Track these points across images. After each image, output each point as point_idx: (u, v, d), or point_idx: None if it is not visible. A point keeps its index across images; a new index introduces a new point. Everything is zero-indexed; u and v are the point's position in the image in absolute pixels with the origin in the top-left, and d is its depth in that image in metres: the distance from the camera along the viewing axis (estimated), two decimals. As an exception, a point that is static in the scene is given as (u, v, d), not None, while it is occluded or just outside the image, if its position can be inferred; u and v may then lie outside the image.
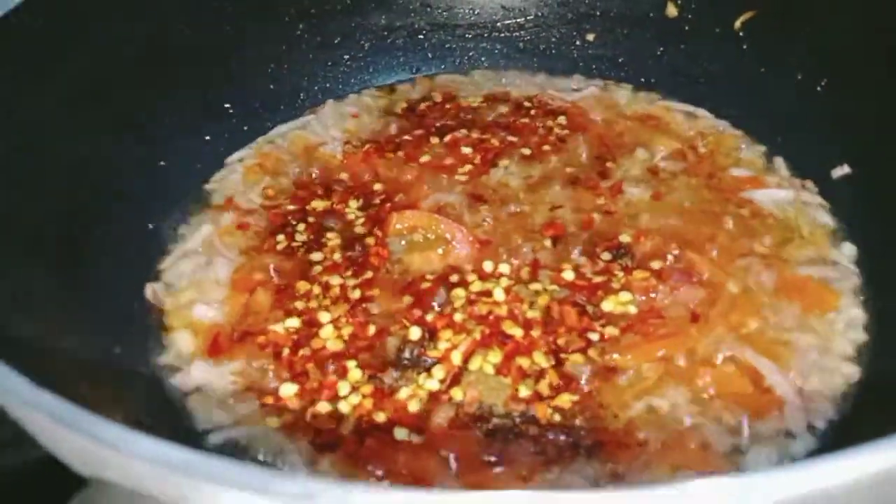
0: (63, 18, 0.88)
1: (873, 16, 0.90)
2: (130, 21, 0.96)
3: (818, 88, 0.97)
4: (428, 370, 0.78)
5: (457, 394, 0.76)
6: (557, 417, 0.73)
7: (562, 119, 1.10)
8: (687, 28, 1.10)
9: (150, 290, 0.90)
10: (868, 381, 0.75)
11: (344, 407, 0.76)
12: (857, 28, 0.92)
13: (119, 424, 0.42)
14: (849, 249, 0.88)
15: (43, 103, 0.85)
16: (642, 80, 1.15)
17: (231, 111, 1.09)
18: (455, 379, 0.77)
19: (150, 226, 0.96)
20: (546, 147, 1.06)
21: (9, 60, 0.80)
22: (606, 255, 0.89)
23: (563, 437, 0.71)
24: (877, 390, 0.73)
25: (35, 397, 0.43)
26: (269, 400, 0.78)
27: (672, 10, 1.10)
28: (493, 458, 0.71)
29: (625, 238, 0.91)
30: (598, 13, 1.16)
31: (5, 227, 0.75)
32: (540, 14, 1.19)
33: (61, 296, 0.79)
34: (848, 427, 0.71)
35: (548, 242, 0.91)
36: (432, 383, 0.76)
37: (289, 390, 0.79)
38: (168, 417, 0.78)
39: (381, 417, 0.75)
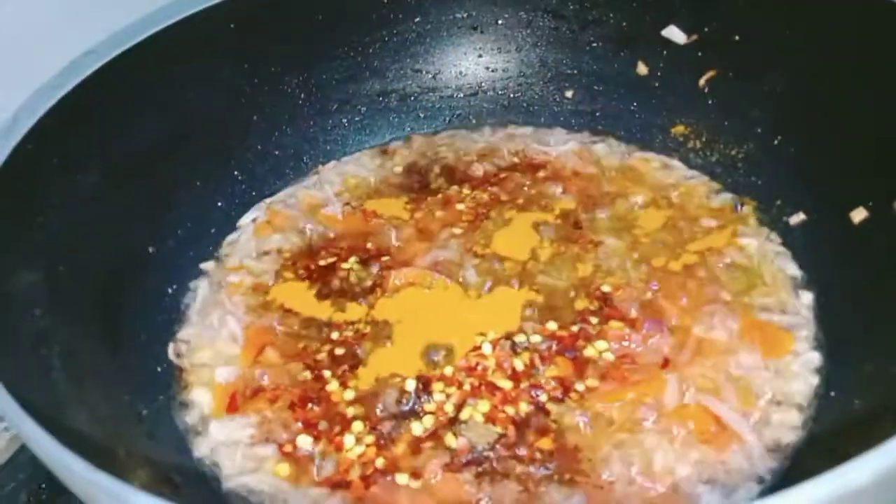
0: (104, 102, 0.97)
1: (817, 76, 0.99)
2: (158, 103, 1.06)
3: (775, 142, 1.06)
4: (422, 419, 0.86)
5: (450, 441, 0.84)
6: (538, 455, 0.82)
7: (546, 172, 1.19)
8: (657, 84, 1.19)
9: (172, 349, 1.00)
10: (820, 418, 0.83)
11: (350, 455, 0.85)
12: (803, 86, 1.01)
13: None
14: (806, 296, 0.96)
15: (87, 179, 0.95)
16: (621, 132, 1.23)
17: (240, 178, 1.18)
18: (448, 427, 0.86)
19: (170, 290, 1.06)
20: (531, 200, 1.15)
21: (60, 146, 0.90)
22: (586, 305, 0.97)
23: (542, 473, 0.80)
24: (827, 428, 0.81)
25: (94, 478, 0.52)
26: (288, 448, 0.87)
27: (643, 69, 1.19)
28: (483, 498, 0.80)
29: (606, 288, 0.99)
30: (575, 72, 1.26)
31: (55, 292, 0.84)
32: (521, 74, 1.29)
33: (97, 359, 0.89)
34: (801, 462, 0.79)
35: (532, 295, 0.99)
36: (427, 431, 0.85)
37: (304, 441, 0.87)
38: (194, 469, 0.87)
39: (382, 464, 0.84)
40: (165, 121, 1.07)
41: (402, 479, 0.82)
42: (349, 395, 0.91)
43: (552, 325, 0.94)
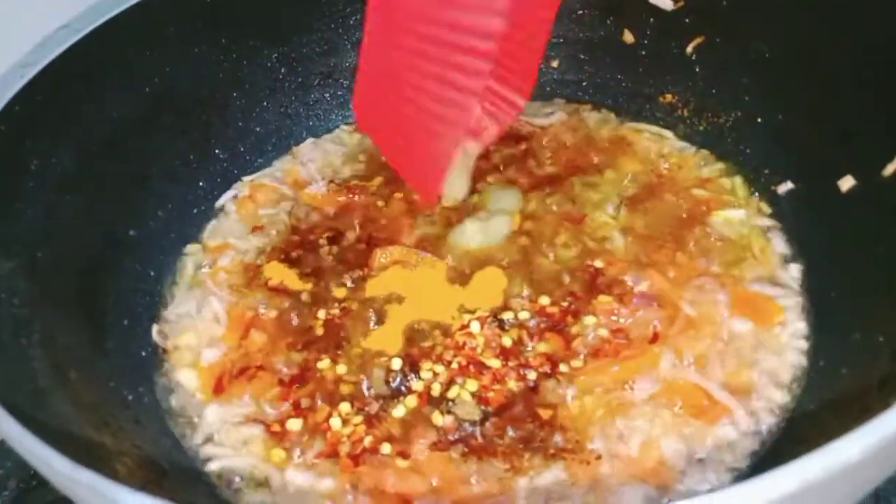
0: (77, 80, 0.95)
1: (805, 42, 0.97)
2: (134, 80, 1.03)
3: (763, 110, 1.04)
4: (409, 398, 0.86)
5: (438, 419, 0.84)
6: (525, 433, 0.82)
7: (534, 143, 1.17)
8: (644, 53, 1.17)
9: (156, 332, 0.98)
10: (809, 389, 0.83)
11: (339, 433, 0.85)
12: (791, 52, 0.99)
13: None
14: (794, 266, 0.95)
15: (63, 162, 0.92)
16: (608, 102, 1.21)
17: (221, 156, 1.16)
18: (436, 405, 0.85)
19: (152, 272, 1.04)
20: (519, 172, 1.13)
21: (34, 128, 0.88)
22: (575, 280, 0.96)
23: (528, 452, 0.80)
24: (817, 399, 0.81)
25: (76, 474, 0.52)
26: (276, 428, 0.86)
27: (629, 37, 1.17)
28: (470, 475, 0.80)
29: (598, 263, 0.97)
30: (560, 40, 1.23)
31: (34, 280, 0.83)
32: (507, 43, 1.26)
33: (80, 346, 0.87)
34: (791, 435, 0.79)
35: (520, 271, 0.98)
36: (414, 410, 0.85)
37: (293, 422, 0.86)
38: (181, 452, 0.86)
39: (370, 443, 0.83)
40: (142, 98, 1.04)
41: (389, 458, 0.82)
42: (336, 374, 0.90)
43: (542, 301, 0.93)
